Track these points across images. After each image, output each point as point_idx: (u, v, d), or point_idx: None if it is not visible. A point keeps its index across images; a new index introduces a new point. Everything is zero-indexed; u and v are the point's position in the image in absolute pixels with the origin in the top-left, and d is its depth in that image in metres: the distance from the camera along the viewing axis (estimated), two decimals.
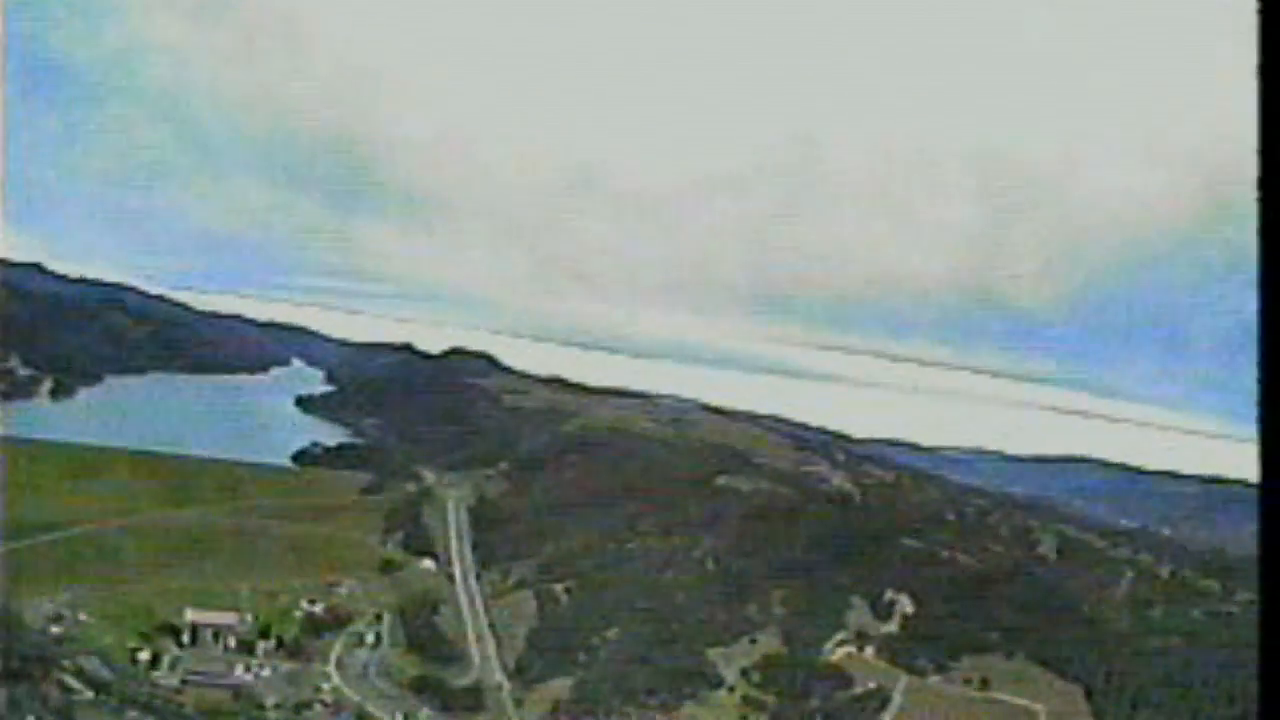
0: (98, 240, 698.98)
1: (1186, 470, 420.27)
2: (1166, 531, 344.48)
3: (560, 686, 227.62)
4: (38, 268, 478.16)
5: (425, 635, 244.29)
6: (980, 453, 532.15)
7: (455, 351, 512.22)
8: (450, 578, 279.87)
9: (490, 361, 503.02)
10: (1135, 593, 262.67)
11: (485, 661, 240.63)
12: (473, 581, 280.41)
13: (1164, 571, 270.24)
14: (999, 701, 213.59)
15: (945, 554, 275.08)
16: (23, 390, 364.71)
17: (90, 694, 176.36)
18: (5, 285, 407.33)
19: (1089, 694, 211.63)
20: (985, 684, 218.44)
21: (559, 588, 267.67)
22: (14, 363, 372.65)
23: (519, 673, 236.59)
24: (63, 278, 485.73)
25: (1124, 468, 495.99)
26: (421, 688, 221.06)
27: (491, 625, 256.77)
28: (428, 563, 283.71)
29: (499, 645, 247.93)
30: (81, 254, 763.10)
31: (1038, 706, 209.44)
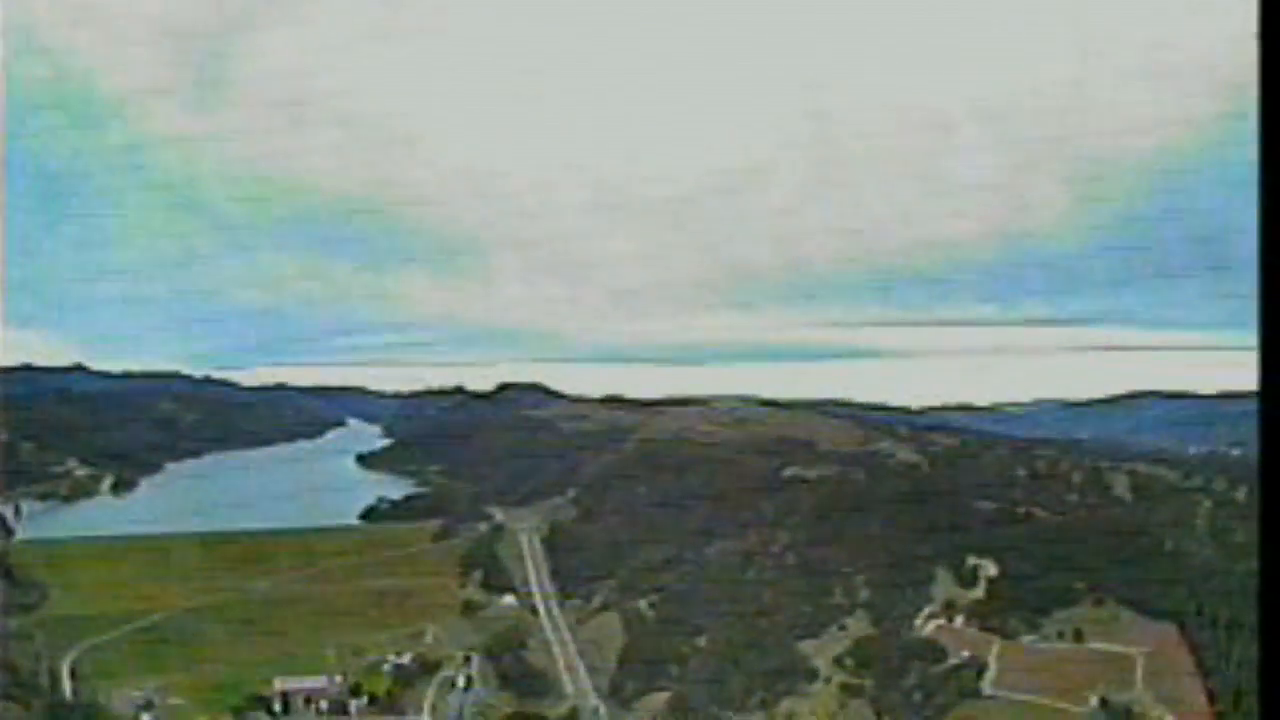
0: (134, 334, 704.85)
1: (1245, 388, 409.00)
2: (1236, 453, 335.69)
3: (656, 701, 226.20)
4: (80, 368, 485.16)
5: (515, 671, 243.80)
6: (1040, 404, 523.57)
7: (506, 386, 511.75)
8: (533, 610, 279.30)
9: (543, 390, 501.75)
10: (1215, 520, 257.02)
11: (579, 688, 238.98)
12: (556, 611, 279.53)
13: (1240, 494, 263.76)
14: (1095, 651, 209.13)
15: (1021, 511, 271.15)
16: (84, 490, 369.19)
17: None
18: (52, 390, 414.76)
19: (1183, 631, 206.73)
20: (1079, 636, 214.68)
21: (643, 603, 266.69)
22: (72, 464, 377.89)
23: (613, 694, 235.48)
24: (107, 374, 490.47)
25: (1183, 395, 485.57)
26: None
27: (580, 651, 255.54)
28: (509, 599, 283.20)
29: (590, 670, 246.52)
30: (121, 350, 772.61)
31: (1134, 651, 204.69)
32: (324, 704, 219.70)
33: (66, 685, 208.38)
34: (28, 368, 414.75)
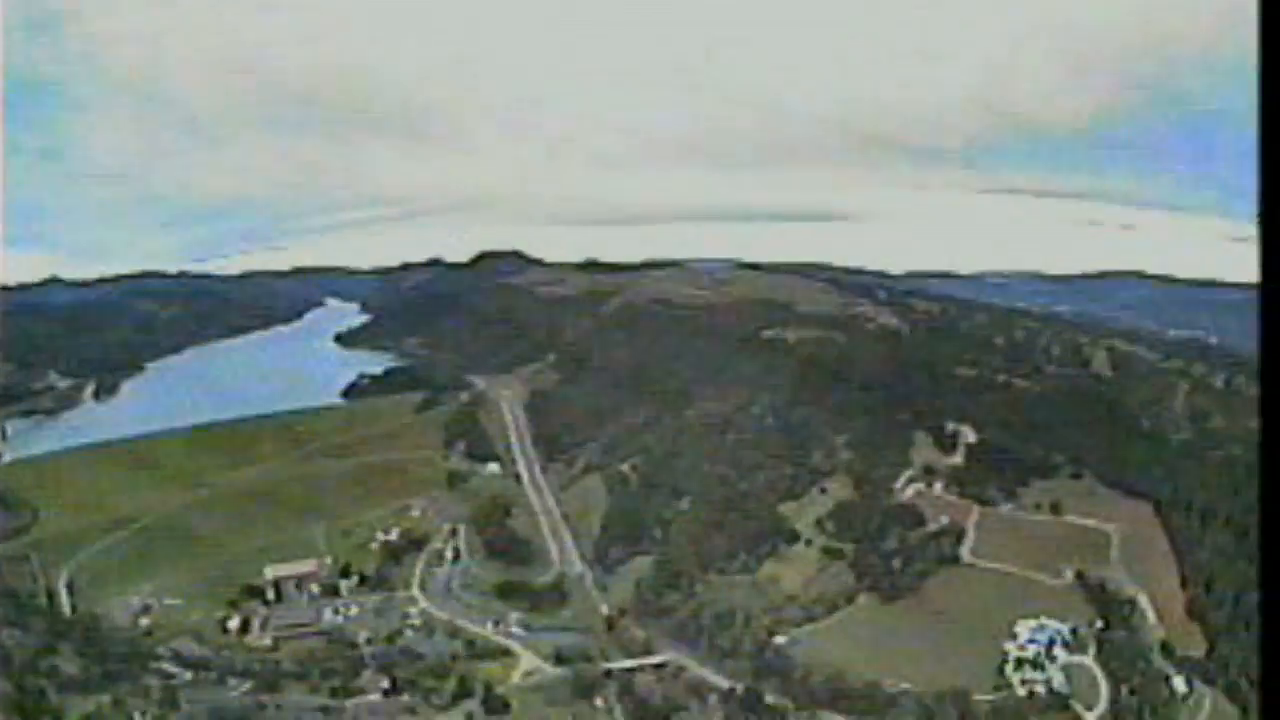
0: (106, 237, 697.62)
1: (1228, 277, 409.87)
2: (1215, 340, 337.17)
3: (640, 566, 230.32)
4: (55, 280, 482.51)
5: (502, 540, 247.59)
6: (1022, 275, 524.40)
7: (484, 255, 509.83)
8: (517, 478, 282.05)
9: (521, 257, 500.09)
10: (1193, 404, 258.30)
11: (564, 555, 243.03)
12: (539, 477, 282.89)
13: (1218, 380, 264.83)
14: (1072, 524, 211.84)
15: (1001, 379, 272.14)
16: (67, 401, 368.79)
17: (189, 675, 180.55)
18: (28, 306, 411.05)
19: (1158, 509, 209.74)
20: (1056, 508, 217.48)
21: (625, 467, 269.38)
22: (53, 377, 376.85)
23: (598, 560, 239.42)
24: (82, 283, 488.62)
25: (1166, 278, 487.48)
26: (506, 592, 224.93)
27: (565, 517, 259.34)
28: (493, 467, 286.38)
29: (574, 535, 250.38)
30: (94, 255, 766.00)
31: (1109, 526, 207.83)
32: (315, 587, 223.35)
33: (65, 602, 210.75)
34: (1, 288, 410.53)
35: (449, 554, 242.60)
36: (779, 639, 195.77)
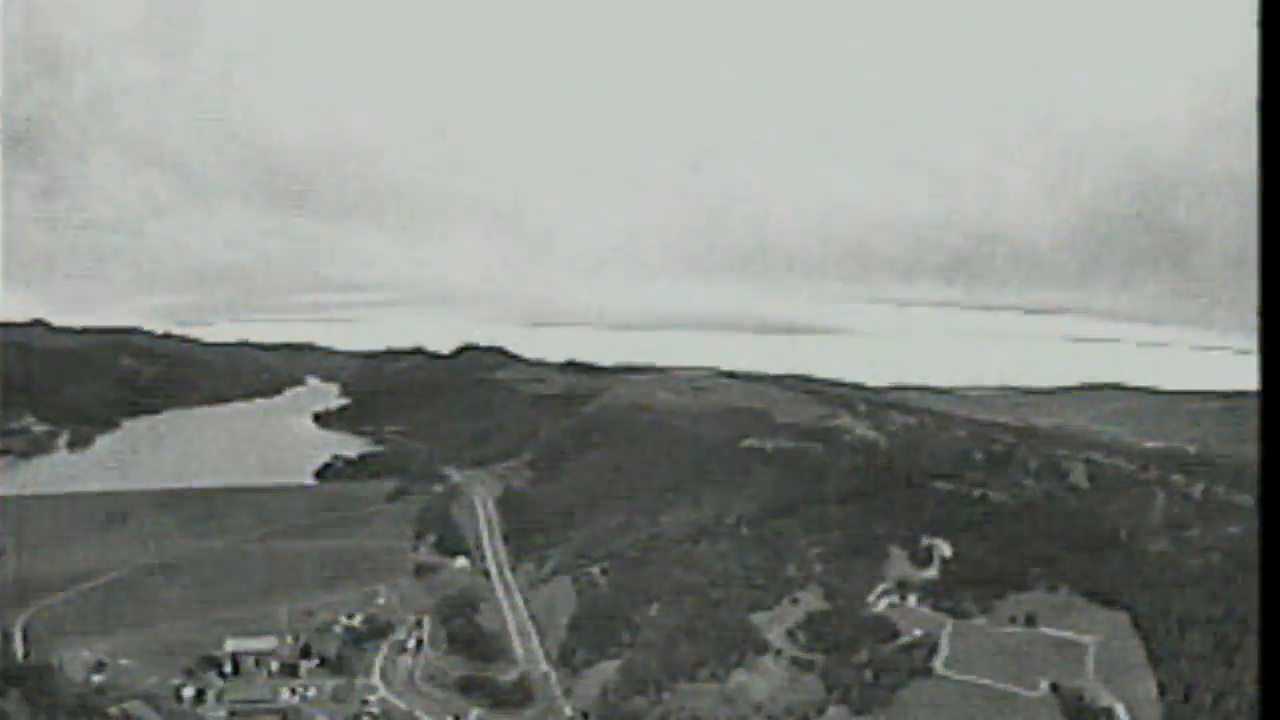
0: (95, 288, 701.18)
1: (1206, 387, 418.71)
2: (1193, 450, 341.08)
3: (606, 669, 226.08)
4: (41, 324, 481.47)
5: (467, 634, 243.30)
6: (1001, 389, 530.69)
7: (467, 348, 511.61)
8: (486, 574, 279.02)
9: (503, 353, 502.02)
10: (1170, 514, 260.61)
11: (529, 653, 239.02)
12: (508, 575, 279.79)
13: (1196, 490, 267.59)
14: (1047, 637, 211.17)
15: (977, 493, 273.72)
16: (41, 445, 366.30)
17: None
18: (12, 345, 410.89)
19: (1135, 621, 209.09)
20: (1031, 621, 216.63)
21: (595, 570, 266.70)
22: (29, 420, 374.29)
23: (564, 661, 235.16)
24: (68, 330, 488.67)
25: (1144, 390, 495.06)
26: (468, 687, 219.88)
27: (532, 616, 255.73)
28: (462, 561, 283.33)
29: (541, 636, 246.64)
30: (83, 304, 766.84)
31: (1086, 638, 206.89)
32: (274, 665, 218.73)
33: (19, 647, 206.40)
34: None
35: (412, 644, 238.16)
36: None
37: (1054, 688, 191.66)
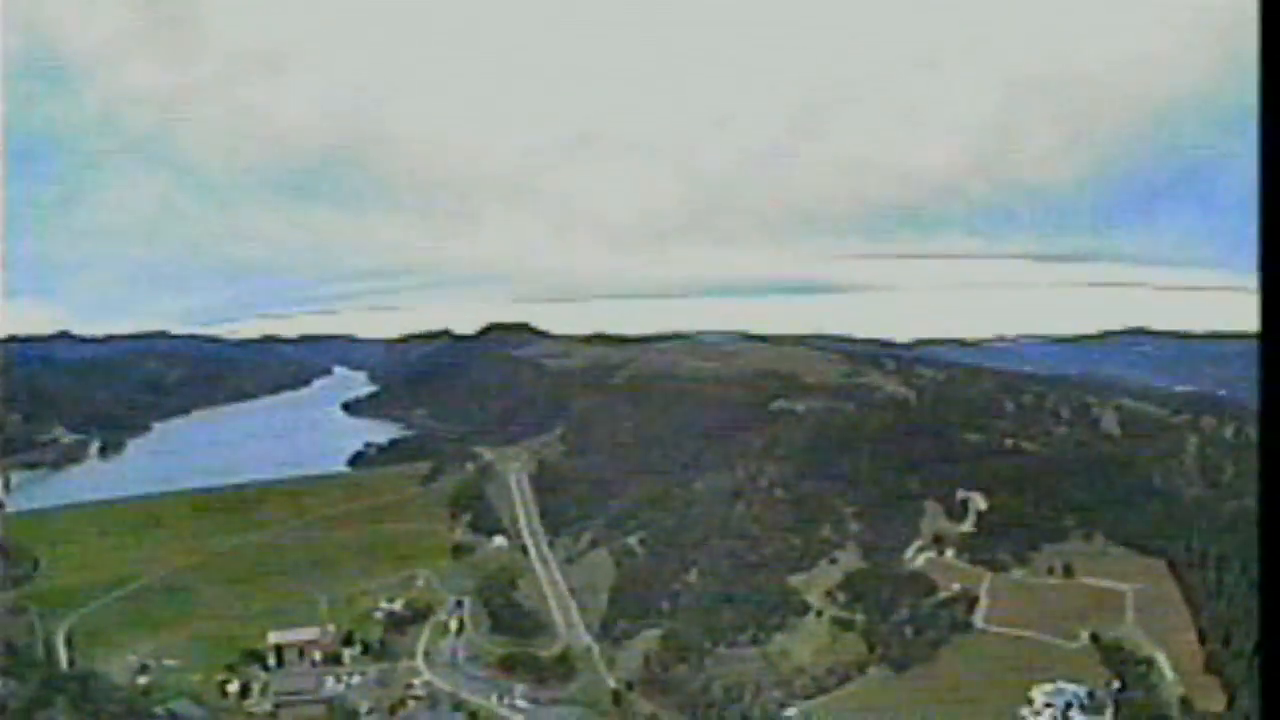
0: (118, 296, 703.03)
1: (1233, 328, 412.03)
2: (1223, 392, 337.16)
3: (648, 639, 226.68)
4: (65, 334, 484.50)
5: (507, 612, 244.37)
6: (1028, 338, 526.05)
7: (492, 327, 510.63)
8: (523, 550, 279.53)
9: (529, 330, 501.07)
10: (1203, 458, 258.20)
11: (571, 627, 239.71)
12: (546, 550, 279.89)
13: (1228, 433, 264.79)
14: (1085, 586, 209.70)
15: (1010, 444, 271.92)
16: (72, 456, 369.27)
17: None
18: (37, 359, 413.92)
19: (1172, 567, 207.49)
20: (1069, 571, 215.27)
21: (632, 540, 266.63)
22: (59, 431, 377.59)
23: (605, 632, 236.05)
24: (91, 339, 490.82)
25: (1171, 334, 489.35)
26: (511, 665, 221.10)
27: (571, 590, 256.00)
28: (499, 540, 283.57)
29: (582, 609, 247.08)
30: (105, 312, 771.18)
31: (1124, 587, 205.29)
32: (318, 655, 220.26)
33: (62, 656, 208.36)
34: (11, 339, 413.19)
35: (454, 625, 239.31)
36: (790, 711, 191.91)
37: (1094, 638, 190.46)
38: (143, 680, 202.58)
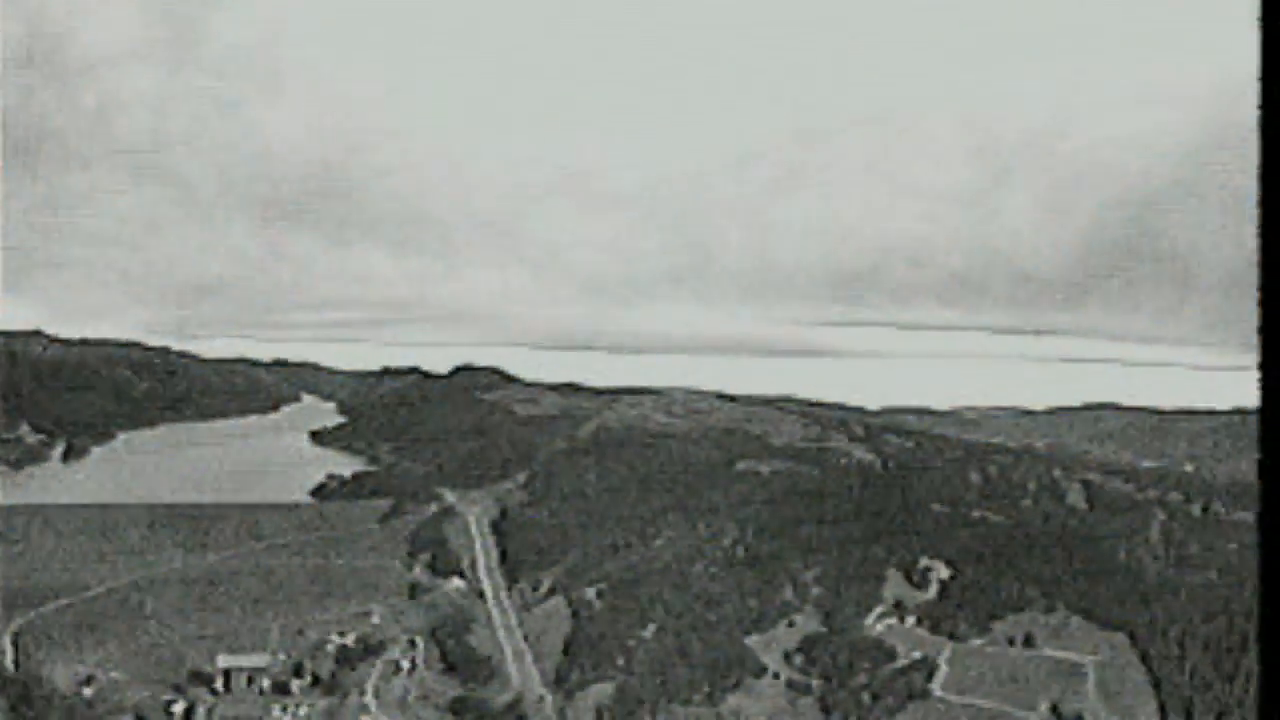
0: (95, 300, 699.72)
1: (1203, 405, 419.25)
2: (1190, 468, 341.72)
3: (601, 691, 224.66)
4: (38, 334, 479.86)
5: (461, 655, 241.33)
6: (998, 409, 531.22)
7: (463, 368, 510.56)
8: (480, 594, 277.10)
9: (499, 374, 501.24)
10: (1168, 533, 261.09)
11: (524, 675, 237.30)
12: (503, 596, 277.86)
13: (1195, 508, 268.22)
14: (1046, 658, 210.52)
15: (975, 514, 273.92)
16: (34, 455, 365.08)
17: None
18: (9, 354, 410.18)
19: (1134, 640, 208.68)
20: (1029, 641, 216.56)
21: (590, 592, 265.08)
22: (23, 430, 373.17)
23: (559, 682, 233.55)
24: (64, 341, 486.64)
25: (1141, 409, 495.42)
26: (461, 709, 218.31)
27: (526, 637, 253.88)
28: (456, 582, 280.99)
29: (536, 657, 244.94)
30: (82, 315, 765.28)
31: (1085, 659, 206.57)
32: (266, 682, 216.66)
33: (8, 657, 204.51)
34: None
35: (405, 664, 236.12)
36: None
37: (1054, 709, 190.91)
38: (87, 691, 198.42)
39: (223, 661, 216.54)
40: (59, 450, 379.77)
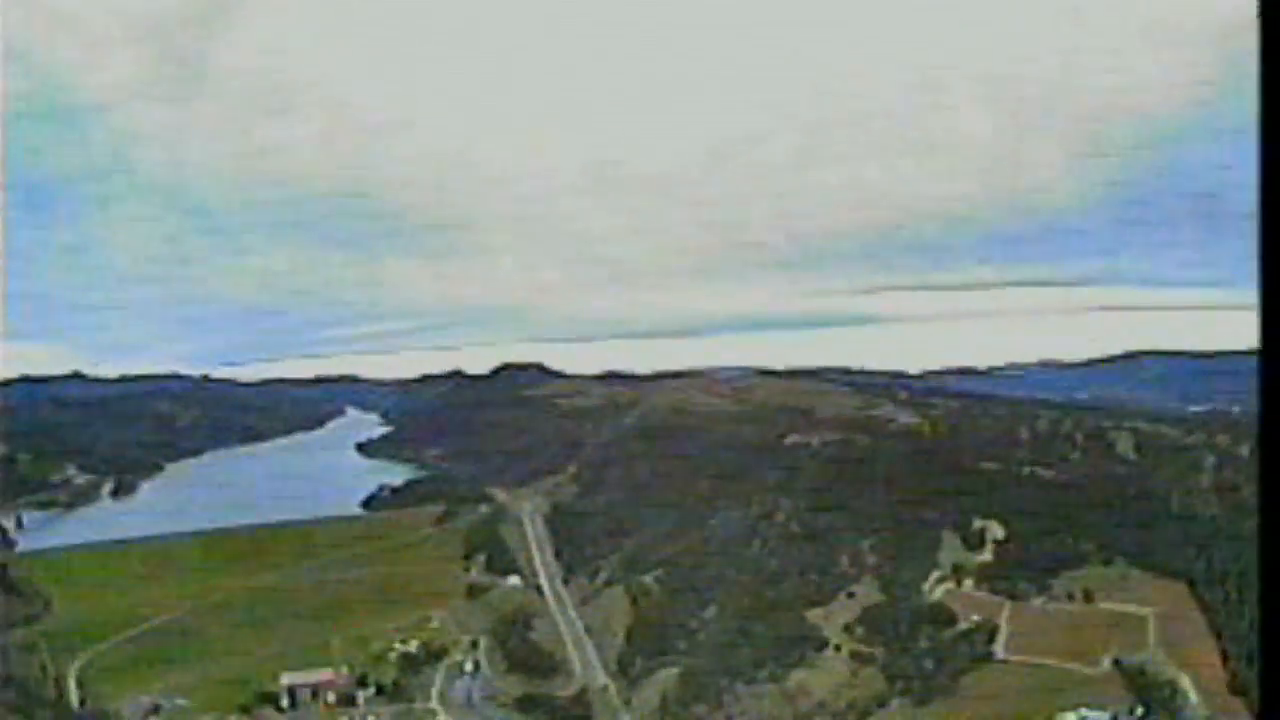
0: (128, 337, 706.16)
1: (1243, 346, 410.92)
2: (1237, 409, 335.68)
3: (666, 678, 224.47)
4: (78, 376, 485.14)
5: (523, 652, 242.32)
6: (1040, 365, 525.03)
7: (504, 367, 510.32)
8: (539, 590, 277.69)
9: (541, 370, 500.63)
10: (1220, 477, 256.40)
11: (587, 667, 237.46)
12: (561, 589, 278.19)
13: (1244, 450, 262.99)
14: (1105, 612, 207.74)
15: (1025, 471, 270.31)
16: (84, 496, 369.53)
17: None
18: (49, 399, 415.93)
19: (1193, 589, 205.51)
20: (1089, 596, 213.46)
21: (648, 579, 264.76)
22: (71, 471, 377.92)
23: (622, 671, 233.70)
24: (103, 379, 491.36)
25: (1182, 354, 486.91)
26: (528, 705, 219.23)
27: (587, 629, 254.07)
28: (514, 580, 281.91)
29: (598, 648, 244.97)
30: (118, 353, 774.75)
31: (1145, 610, 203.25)
32: (331, 696, 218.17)
33: (73, 694, 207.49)
34: (25, 379, 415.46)
35: (469, 666, 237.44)
36: None
37: (1116, 663, 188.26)
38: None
39: (286, 679, 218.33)
40: (108, 488, 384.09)
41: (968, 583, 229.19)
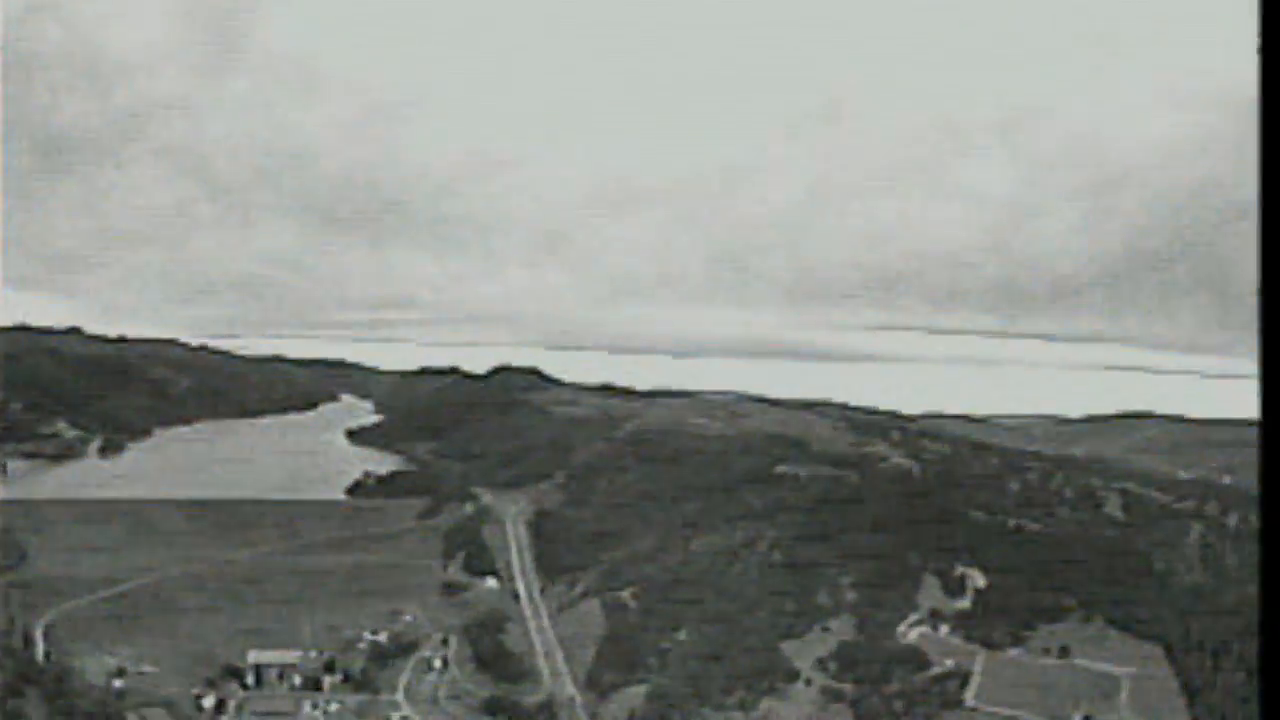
0: (133, 299, 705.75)
1: (1241, 415, 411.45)
2: (1228, 480, 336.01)
3: (634, 695, 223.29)
4: (77, 331, 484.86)
5: (493, 655, 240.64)
6: (1036, 417, 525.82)
7: (502, 369, 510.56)
8: (515, 595, 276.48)
9: (538, 375, 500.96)
10: (1205, 544, 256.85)
11: (556, 676, 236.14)
12: (537, 596, 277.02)
13: (1231, 520, 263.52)
14: (1080, 669, 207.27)
15: (1012, 523, 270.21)
16: (72, 451, 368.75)
17: None
18: (48, 351, 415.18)
19: (1170, 652, 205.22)
20: (1065, 652, 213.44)
21: (625, 594, 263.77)
22: (61, 425, 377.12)
23: (591, 684, 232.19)
24: (102, 338, 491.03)
25: (1179, 419, 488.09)
26: (493, 708, 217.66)
27: (560, 638, 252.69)
28: (490, 582, 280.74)
29: (569, 658, 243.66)
30: (119, 314, 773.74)
31: (1120, 670, 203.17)
32: (297, 679, 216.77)
33: (40, 648, 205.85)
34: (24, 328, 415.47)
35: (438, 663, 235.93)
36: None
37: None
38: (118, 683, 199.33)
39: (254, 656, 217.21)
40: (96, 446, 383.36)
41: (944, 628, 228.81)
